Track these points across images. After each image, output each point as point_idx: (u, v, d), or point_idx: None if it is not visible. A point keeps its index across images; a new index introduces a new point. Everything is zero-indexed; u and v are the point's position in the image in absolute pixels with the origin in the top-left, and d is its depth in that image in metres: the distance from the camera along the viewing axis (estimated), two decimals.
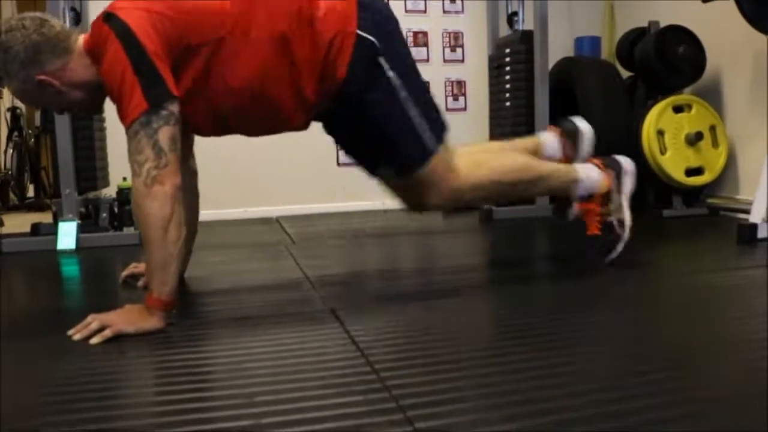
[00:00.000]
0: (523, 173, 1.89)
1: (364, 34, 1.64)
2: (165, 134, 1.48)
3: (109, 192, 3.16)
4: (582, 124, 2.06)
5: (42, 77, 1.56)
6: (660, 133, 3.14)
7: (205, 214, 2.08)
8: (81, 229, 2.82)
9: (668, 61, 3.20)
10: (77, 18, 3.07)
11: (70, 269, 2.54)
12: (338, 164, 3.68)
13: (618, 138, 3.22)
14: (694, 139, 3.14)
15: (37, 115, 5.27)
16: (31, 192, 5.14)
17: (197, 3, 1.59)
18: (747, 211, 2.46)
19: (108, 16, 1.53)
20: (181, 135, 1.56)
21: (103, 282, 2.28)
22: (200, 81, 1.61)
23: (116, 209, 3.01)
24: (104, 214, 3.07)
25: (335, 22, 1.62)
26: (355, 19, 1.63)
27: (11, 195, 4.81)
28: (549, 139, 2.06)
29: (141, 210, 1.49)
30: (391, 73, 1.67)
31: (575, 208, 2.01)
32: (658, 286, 1.86)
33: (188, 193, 1.78)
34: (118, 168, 3.20)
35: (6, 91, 4.81)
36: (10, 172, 4.80)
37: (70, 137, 2.80)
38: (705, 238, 2.72)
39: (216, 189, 2.53)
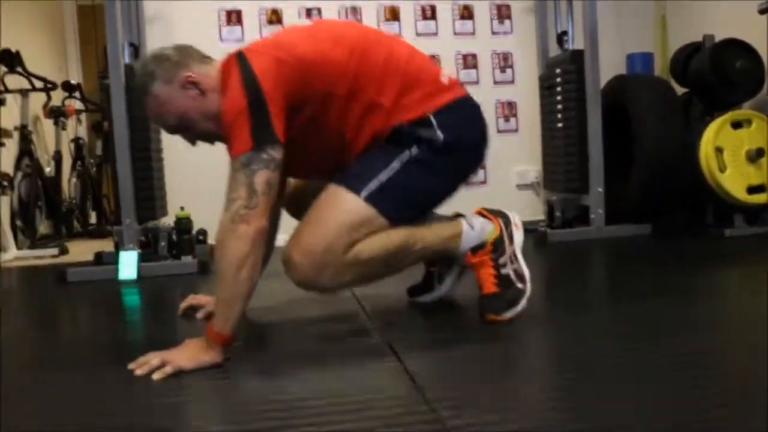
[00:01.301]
0: (401, 242, 1.70)
1: (433, 121, 1.68)
2: (262, 177, 1.52)
3: (168, 220, 3.26)
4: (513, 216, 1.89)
5: (189, 74, 1.63)
6: (718, 150, 3.06)
7: None
8: (141, 258, 2.90)
9: (725, 76, 3.13)
10: (136, 53, 3.19)
11: (131, 299, 2.61)
12: None
13: (674, 157, 3.16)
14: (755, 156, 3.05)
15: (99, 144, 5.47)
16: (93, 219, 5.32)
17: (321, 56, 1.64)
18: None
19: (239, 55, 1.61)
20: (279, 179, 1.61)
21: (163, 312, 2.34)
22: (305, 127, 1.66)
23: (174, 238, 3.10)
24: (163, 243, 3.15)
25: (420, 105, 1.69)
26: (437, 108, 1.69)
27: (75, 223, 4.97)
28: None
29: (221, 245, 1.52)
30: (413, 151, 1.68)
31: (464, 261, 1.82)
32: (722, 311, 1.81)
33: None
34: (175, 198, 3.31)
35: (69, 122, 5.00)
36: (74, 201, 4.98)
37: (130, 169, 2.89)
38: None
39: None
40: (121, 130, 2.90)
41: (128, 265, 2.85)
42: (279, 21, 3.68)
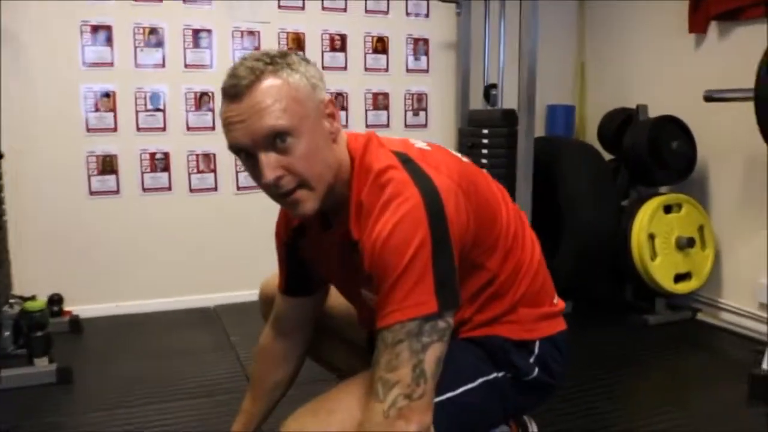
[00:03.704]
0: None
1: (536, 351, 1.33)
2: (433, 354, 1.08)
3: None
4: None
5: (332, 100, 1.19)
6: (651, 237, 2.89)
7: None
8: None
9: (661, 156, 2.95)
10: None
11: None
12: None
13: (606, 237, 2.95)
14: (685, 245, 2.91)
15: None
16: None
17: (495, 209, 1.27)
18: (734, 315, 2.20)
19: (406, 160, 1.16)
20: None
21: None
22: None
23: (23, 329, 2.46)
24: (7, 333, 2.51)
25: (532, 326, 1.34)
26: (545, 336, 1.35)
27: None
28: None
29: None
30: (500, 375, 1.30)
31: None
32: None
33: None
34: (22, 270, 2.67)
35: None
36: None
37: None
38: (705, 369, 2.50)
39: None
40: None
41: None
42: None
